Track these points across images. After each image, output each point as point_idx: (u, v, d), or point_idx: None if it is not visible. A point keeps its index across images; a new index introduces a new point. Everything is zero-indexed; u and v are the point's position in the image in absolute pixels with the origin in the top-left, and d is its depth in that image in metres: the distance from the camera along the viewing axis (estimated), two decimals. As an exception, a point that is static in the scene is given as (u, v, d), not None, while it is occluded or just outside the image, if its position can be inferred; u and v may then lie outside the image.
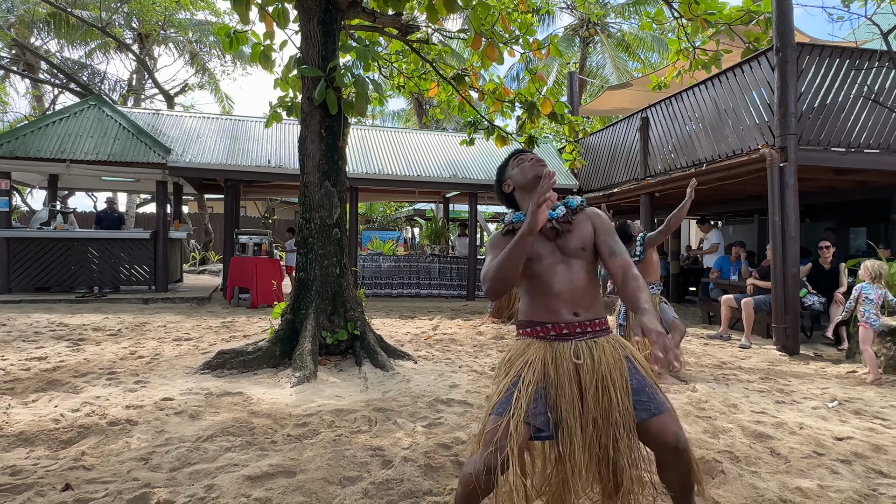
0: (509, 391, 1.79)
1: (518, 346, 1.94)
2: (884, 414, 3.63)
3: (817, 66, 6.23)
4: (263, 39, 5.18)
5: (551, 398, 1.79)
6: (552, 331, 1.86)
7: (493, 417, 1.77)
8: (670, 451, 1.75)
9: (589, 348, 1.84)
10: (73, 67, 18.08)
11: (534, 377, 1.80)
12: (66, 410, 3.27)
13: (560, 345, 1.85)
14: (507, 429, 1.70)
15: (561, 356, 1.83)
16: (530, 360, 1.84)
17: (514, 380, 1.82)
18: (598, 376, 1.80)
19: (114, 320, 6.88)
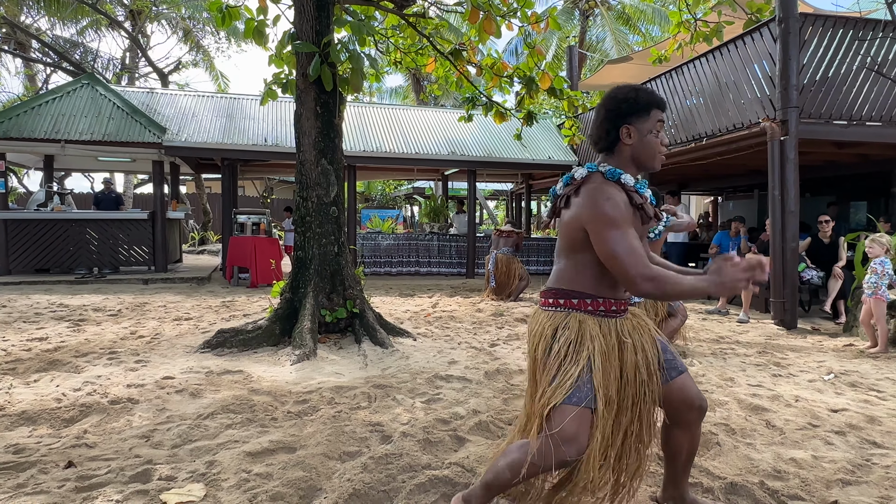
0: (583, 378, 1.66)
1: (571, 323, 1.74)
2: (879, 386, 3.66)
3: (820, 38, 6.13)
4: (256, 14, 5.07)
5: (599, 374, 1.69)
6: (602, 307, 1.74)
7: (568, 407, 1.63)
8: (695, 409, 1.76)
9: (627, 325, 1.79)
10: (65, 46, 17.80)
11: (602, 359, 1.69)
12: (67, 390, 3.30)
13: (608, 322, 1.75)
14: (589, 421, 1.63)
15: (609, 334, 1.74)
16: (593, 337, 1.71)
17: (586, 363, 1.68)
18: (638, 350, 1.76)
19: (114, 301, 6.90)
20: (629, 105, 1.68)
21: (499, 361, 4.18)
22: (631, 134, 1.68)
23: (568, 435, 1.61)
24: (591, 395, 1.65)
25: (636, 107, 1.68)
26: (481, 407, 3.09)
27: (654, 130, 1.69)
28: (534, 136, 11.57)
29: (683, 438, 1.82)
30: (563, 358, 1.71)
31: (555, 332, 1.74)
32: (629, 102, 1.69)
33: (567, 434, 1.61)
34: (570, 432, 1.61)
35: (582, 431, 1.62)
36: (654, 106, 1.70)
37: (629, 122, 1.68)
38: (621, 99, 1.70)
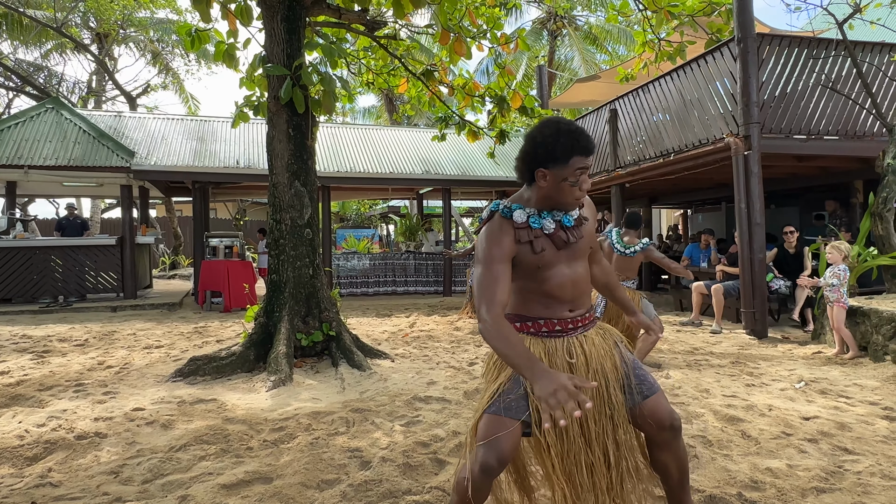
0: (506, 389, 1.71)
1: None
2: (848, 392, 3.76)
3: (777, 56, 6.39)
4: (227, 38, 5.07)
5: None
6: (544, 327, 1.77)
7: (488, 417, 1.67)
8: (666, 430, 1.75)
9: (580, 343, 1.78)
10: (29, 69, 17.44)
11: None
12: (30, 426, 3.16)
13: (553, 342, 1.77)
14: (507, 428, 1.63)
15: (555, 354, 1.75)
16: None
17: (509, 378, 1.73)
18: (592, 371, 1.75)
19: (80, 330, 6.68)
20: (546, 152, 1.65)
21: (478, 380, 4.16)
22: (546, 177, 1.67)
23: (484, 440, 1.62)
24: (514, 407, 1.67)
25: (553, 154, 1.64)
26: (461, 428, 3.07)
27: (571, 178, 1.66)
28: (507, 154, 11.71)
29: (666, 457, 1.80)
30: (490, 376, 1.82)
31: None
32: (546, 149, 1.65)
33: (483, 439, 1.63)
34: (486, 437, 1.63)
35: (499, 437, 1.61)
36: (575, 154, 1.63)
37: (545, 166, 1.66)
38: (539, 143, 1.66)
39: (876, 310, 4.66)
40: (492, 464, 1.59)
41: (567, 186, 1.67)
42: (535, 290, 1.76)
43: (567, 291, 1.76)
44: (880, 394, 3.70)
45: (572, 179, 1.66)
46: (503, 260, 1.67)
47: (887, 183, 5.57)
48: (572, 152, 1.63)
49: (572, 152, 1.63)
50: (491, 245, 1.67)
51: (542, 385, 1.37)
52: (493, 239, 1.69)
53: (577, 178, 1.66)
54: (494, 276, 1.63)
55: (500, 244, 1.68)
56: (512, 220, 1.72)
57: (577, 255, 1.78)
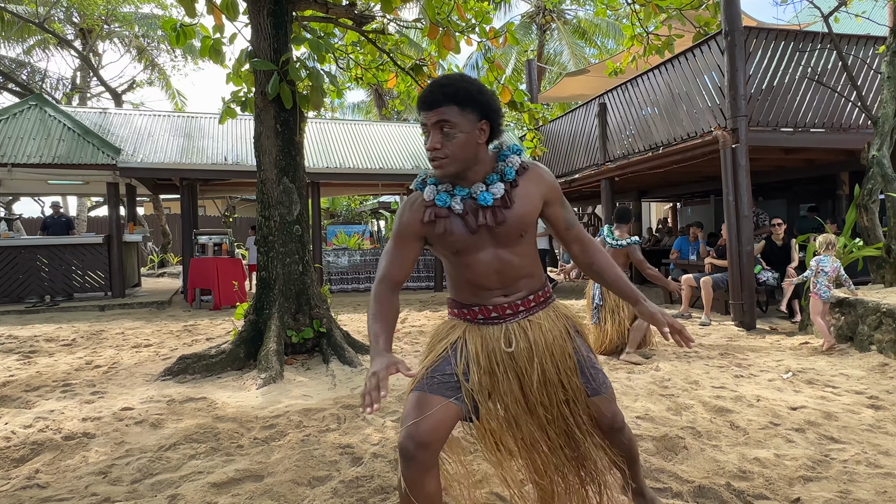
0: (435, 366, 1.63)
1: (443, 326, 1.75)
2: (834, 382, 3.80)
3: (764, 49, 6.43)
4: (213, 33, 5.00)
5: (477, 384, 1.62)
6: (480, 314, 1.65)
7: (412, 395, 1.59)
8: (606, 430, 1.72)
9: (523, 329, 1.65)
10: (11, 66, 17.15)
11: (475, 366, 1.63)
12: (17, 427, 3.13)
13: (489, 329, 1.65)
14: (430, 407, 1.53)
15: (491, 342, 1.64)
16: (453, 341, 1.67)
17: (436, 360, 1.65)
18: (537, 359, 1.64)
19: (67, 330, 6.61)
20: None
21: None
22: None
23: (404, 417, 1.55)
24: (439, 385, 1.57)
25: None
26: (453, 423, 3.07)
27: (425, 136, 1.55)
28: (497, 149, 11.69)
29: (615, 446, 1.77)
30: (423, 355, 1.73)
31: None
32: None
33: (404, 416, 1.56)
34: (403, 418, 1.56)
35: (416, 415, 1.51)
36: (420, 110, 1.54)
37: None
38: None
39: (861, 300, 4.72)
40: (407, 446, 1.46)
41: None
42: (459, 277, 1.65)
43: (492, 280, 1.62)
44: (866, 383, 3.75)
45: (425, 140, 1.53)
46: (404, 237, 1.61)
47: (872, 175, 5.63)
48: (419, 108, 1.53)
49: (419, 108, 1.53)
50: (397, 224, 1.64)
51: (370, 369, 1.38)
52: (400, 216, 1.63)
53: (425, 136, 1.53)
54: (389, 252, 1.63)
55: (403, 221, 1.62)
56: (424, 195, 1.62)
57: (505, 240, 1.59)
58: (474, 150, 1.54)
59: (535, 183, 1.62)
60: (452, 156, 1.51)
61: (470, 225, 1.56)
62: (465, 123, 1.50)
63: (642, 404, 3.35)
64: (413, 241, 1.61)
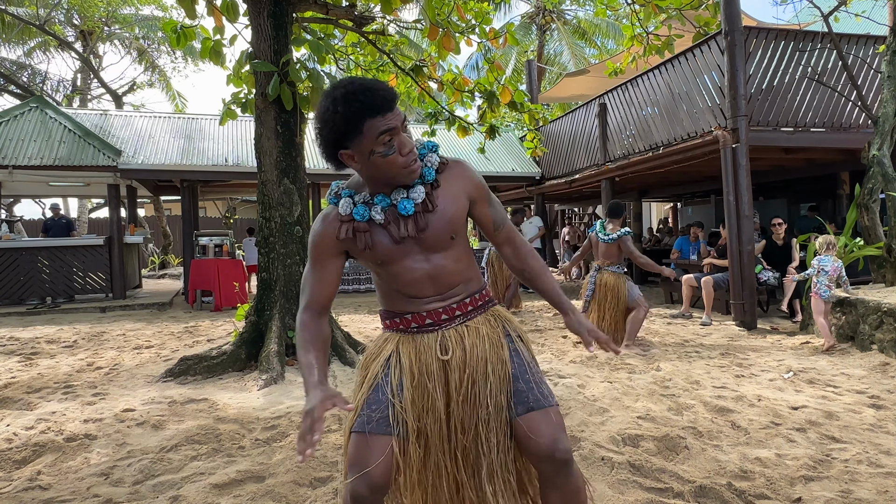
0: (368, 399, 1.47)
1: (374, 344, 1.60)
2: (835, 382, 3.80)
3: (764, 49, 6.43)
4: (213, 34, 5.01)
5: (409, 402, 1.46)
6: (413, 322, 1.50)
7: (352, 437, 1.44)
8: (544, 459, 1.39)
9: (460, 336, 1.50)
10: (12, 68, 17.18)
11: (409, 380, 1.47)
12: (19, 429, 3.13)
13: (423, 338, 1.49)
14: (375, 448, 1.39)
15: (426, 351, 1.48)
16: (387, 358, 1.52)
17: (371, 385, 1.49)
18: (470, 369, 1.47)
19: (69, 331, 6.62)
20: (332, 129, 1.32)
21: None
22: (354, 158, 1.36)
23: (349, 465, 1.41)
24: (379, 420, 1.43)
25: (340, 129, 1.32)
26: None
27: (379, 149, 1.32)
28: (497, 150, 11.71)
29: (549, 496, 1.43)
30: (358, 383, 1.56)
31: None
32: (331, 125, 1.32)
33: (349, 464, 1.41)
34: (349, 462, 1.41)
35: (367, 460, 1.37)
36: (366, 117, 1.29)
37: (343, 146, 1.34)
38: (322, 121, 1.34)
39: (862, 300, 4.72)
40: (361, 492, 1.35)
41: (380, 160, 1.33)
42: (388, 286, 1.51)
43: (425, 287, 1.47)
44: (867, 382, 3.75)
45: (380, 150, 1.32)
46: (321, 257, 1.47)
47: (873, 174, 5.63)
48: (361, 117, 1.29)
49: (361, 117, 1.29)
50: (311, 245, 1.48)
51: (305, 405, 1.27)
52: (315, 234, 1.48)
53: (387, 146, 1.32)
54: (309, 275, 1.49)
55: (319, 241, 1.47)
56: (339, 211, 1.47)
57: (434, 245, 1.45)
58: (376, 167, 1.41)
59: (459, 180, 1.49)
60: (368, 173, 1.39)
61: (393, 235, 1.42)
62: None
63: (643, 404, 3.35)
64: (332, 258, 1.48)
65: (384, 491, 1.39)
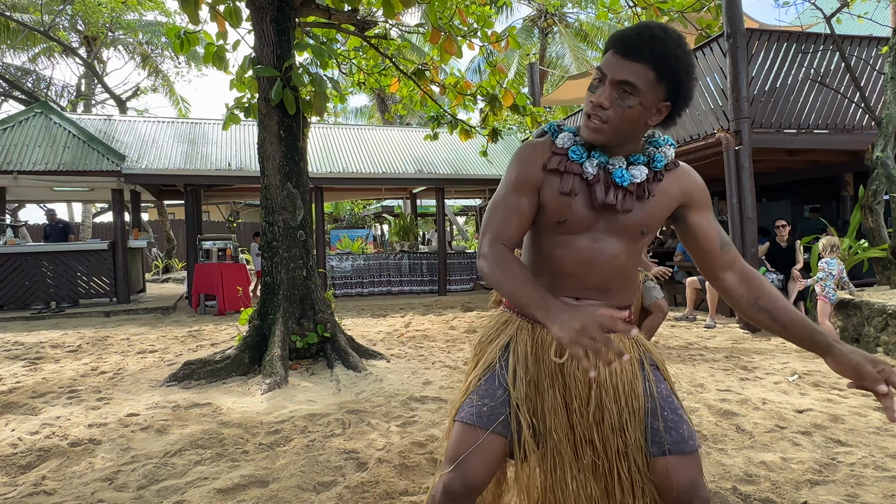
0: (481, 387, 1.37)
1: (493, 322, 1.47)
2: (840, 384, 3.78)
3: (766, 51, 6.42)
4: (216, 40, 5.04)
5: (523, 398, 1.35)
6: None
7: (459, 426, 1.34)
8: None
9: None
10: (16, 74, 17.30)
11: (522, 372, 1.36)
12: (23, 434, 3.14)
13: (544, 332, 1.36)
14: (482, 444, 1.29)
15: (543, 347, 1.36)
16: (505, 344, 1.40)
17: (486, 372, 1.38)
18: (595, 386, 1.33)
19: (73, 336, 6.64)
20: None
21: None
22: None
23: (449, 457, 1.31)
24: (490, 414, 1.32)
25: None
26: (457, 427, 3.06)
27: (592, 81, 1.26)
28: (499, 152, 11.71)
29: None
30: (470, 365, 1.46)
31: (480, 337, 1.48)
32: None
33: (449, 456, 1.31)
34: (450, 454, 1.31)
35: (467, 455, 1.27)
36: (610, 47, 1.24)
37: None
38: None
39: (867, 302, 4.70)
40: (456, 489, 1.25)
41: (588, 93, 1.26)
42: (542, 257, 1.37)
43: (581, 272, 1.32)
44: (872, 385, 3.72)
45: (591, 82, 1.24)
46: (524, 187, 1.31)
47: (877, 176, 5.61)
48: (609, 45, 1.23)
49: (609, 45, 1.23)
50: (515, 167, 1.32)
51: (563, 323, 1.03)
52: (520, 160, 1.33)
53: (594, 84, 1.24)
54: (507, 206, 1.30)
55: (524, 167, 1.31)
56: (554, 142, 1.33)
57: (618, 231, 1.30)
58: (640, 128, 1.27)
59: (679, 181, 1.34)
60: (614, 124, 1.23)
61: (597, 197, 1.27)
62: (650, 96, 1.21)
63: (647, 408, 3.34)
64: (531, 191, 1.30)
65: (480, 491, 1.29)
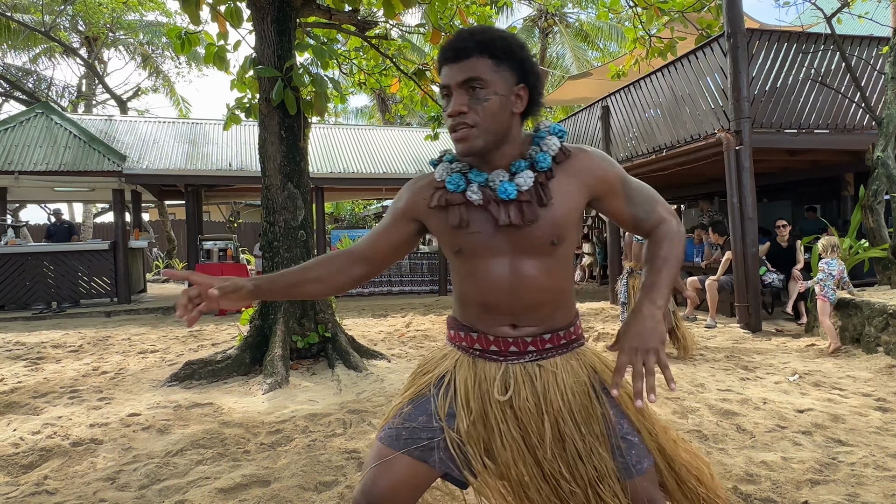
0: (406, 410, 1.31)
1: (432, 355, 1.41)
2: (841, 384, 3.79)
3: (767, 51, 6.42)
4: (217, 40, 5.04)
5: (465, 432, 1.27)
6: (477, 343, 1.28)
7: (376, 445, 1.29)
8: None
9: (531, 376, 1.26)
10: (17, 74, 17.31)
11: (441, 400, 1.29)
12: (25, 433, 3.14)
13: (485, 366, 1.28)
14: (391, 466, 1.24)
15: (484, 383, 1.27)
16: (440, 376, 1.33)
17: (413, 400, 1.33)
18: (550, 418, 1.25)
19: (74, 336, 6.64)
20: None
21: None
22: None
23: (364, 469, 1.29)
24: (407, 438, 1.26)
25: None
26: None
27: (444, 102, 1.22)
28: (500, 152, 11.72)
29: None
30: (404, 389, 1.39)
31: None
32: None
33: (364, 466, 1.30)
34: (363, 471, 1.29)
35: (374, 475, 1.23)
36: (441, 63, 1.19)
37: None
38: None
39: (868, 302, 4.70)
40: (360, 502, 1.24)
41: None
42: (461, 286, 1.30)
43: (500, 299, 1.23)
44: (873, 385, 3.73)
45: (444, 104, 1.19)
46: (396, 215, 1.31)
47: (877, 175, 5.61)
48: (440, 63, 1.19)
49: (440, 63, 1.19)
50: (394, 202, 1.34)
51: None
52: (399, 196, 1.33)
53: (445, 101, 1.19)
54: (379, 226, 1.33)
55: (402, 199, 1.31)
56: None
57: (528, 248, 1.20)
58: (507, 121, 1.19)
59: (579, 173, 1.23)
60: (482, 125, 1.16)
61: (493, 219, 1.20)
62: (499, 83, 1.15)
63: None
64: (405, 222, 1.30)
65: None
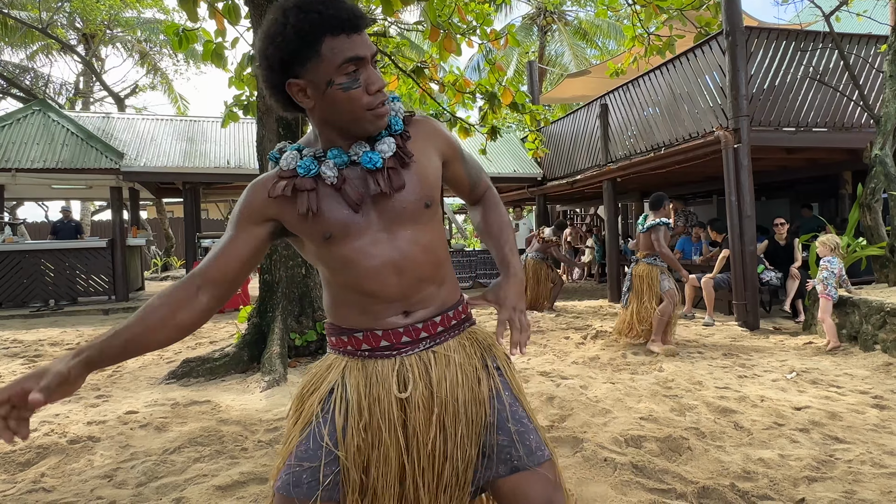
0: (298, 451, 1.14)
1: (315, 371, 1.23)
2: (838, 382, 3.79)
3: (765, 49, 6.42)
4: (215, 37, 5.03)
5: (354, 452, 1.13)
6: (365, 343, 1.15)
7: (277, 497, 1.13)
8: None
9: (424, 365, 1.14)
10: (14, 71, 17.25)
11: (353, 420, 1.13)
12: (22, 431, 3.14)
13: (377, 365, 1.14)
14: None
15: (379, 384, 1.13)
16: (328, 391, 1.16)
17: (304, 429, 1.15)
18: (438, 410, 1.13)
19: (72, 334, 6.63)
20: (276, 49, 1.01)
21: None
22: (307, 91, 1.04)
23: None
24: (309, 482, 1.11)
25: (290, 48, 0.99)
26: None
27: (339, 79, 1.01)
28: (498, 150, 11.72)
29: None
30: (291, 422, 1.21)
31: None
32: (276, 45, 1.00)
33: None
34: None
35: None
36: (325, 33, 0.99)
37: (294, 73, 1.02)
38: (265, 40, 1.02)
39: (865, 300, 4.71)
40: None
41: (340, 95, 1.02)
42: (339, 283, 1.15)
43: (388, 281, 1.11)
44: (870, 382, 3.74)
45: (342, 80, 1.01)
46: (242, 223, 1.11)
47: (875, 174, 5.62)
48: (320, 32, 0.99)
49: (320, 32, 0.99)
50: (236, 206, 1.14)
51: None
52: (240, 198, 1.14)
53: (350, 77, 1.02)
54: (218, 244, 1.12)
55: (243, 206, 1.12)
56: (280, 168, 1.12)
57: (403, 216, 1.10)
58: None
59: (430, 137, 1.18)
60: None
61: (349, 198, 1.08)
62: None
63: (646, 405, 3.35)
64: (252, 225, 1.11)
65: None
